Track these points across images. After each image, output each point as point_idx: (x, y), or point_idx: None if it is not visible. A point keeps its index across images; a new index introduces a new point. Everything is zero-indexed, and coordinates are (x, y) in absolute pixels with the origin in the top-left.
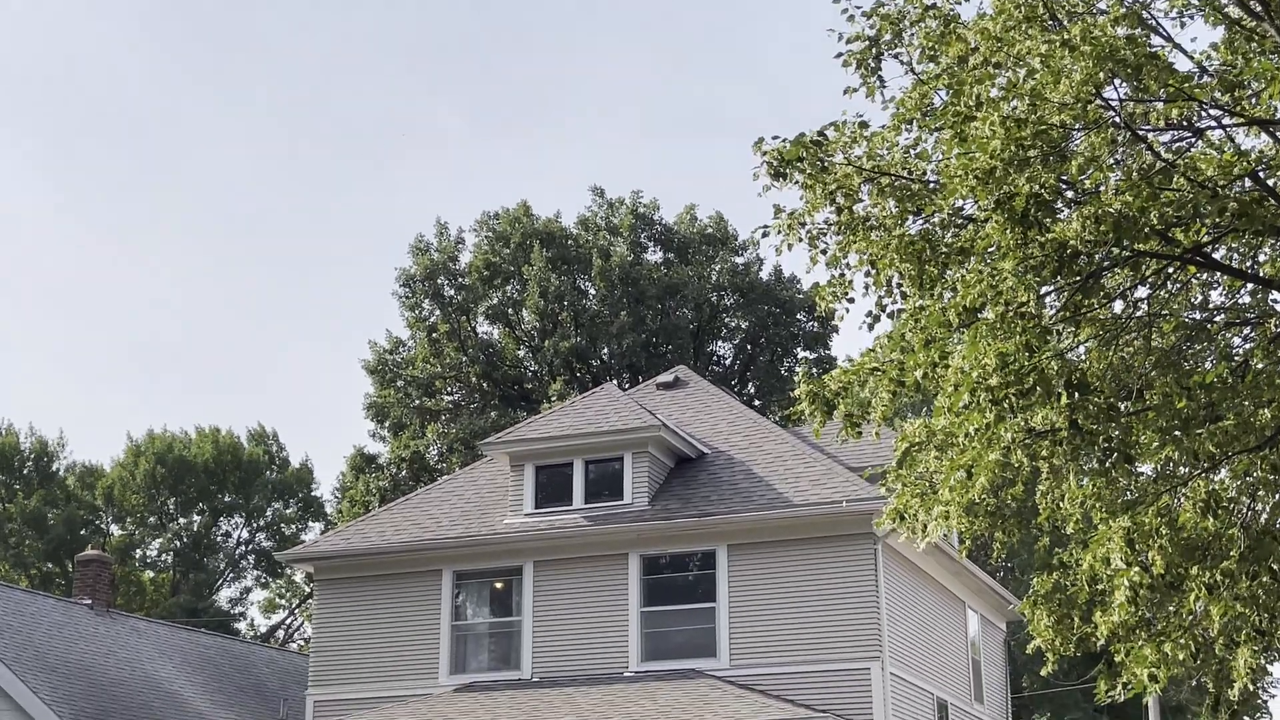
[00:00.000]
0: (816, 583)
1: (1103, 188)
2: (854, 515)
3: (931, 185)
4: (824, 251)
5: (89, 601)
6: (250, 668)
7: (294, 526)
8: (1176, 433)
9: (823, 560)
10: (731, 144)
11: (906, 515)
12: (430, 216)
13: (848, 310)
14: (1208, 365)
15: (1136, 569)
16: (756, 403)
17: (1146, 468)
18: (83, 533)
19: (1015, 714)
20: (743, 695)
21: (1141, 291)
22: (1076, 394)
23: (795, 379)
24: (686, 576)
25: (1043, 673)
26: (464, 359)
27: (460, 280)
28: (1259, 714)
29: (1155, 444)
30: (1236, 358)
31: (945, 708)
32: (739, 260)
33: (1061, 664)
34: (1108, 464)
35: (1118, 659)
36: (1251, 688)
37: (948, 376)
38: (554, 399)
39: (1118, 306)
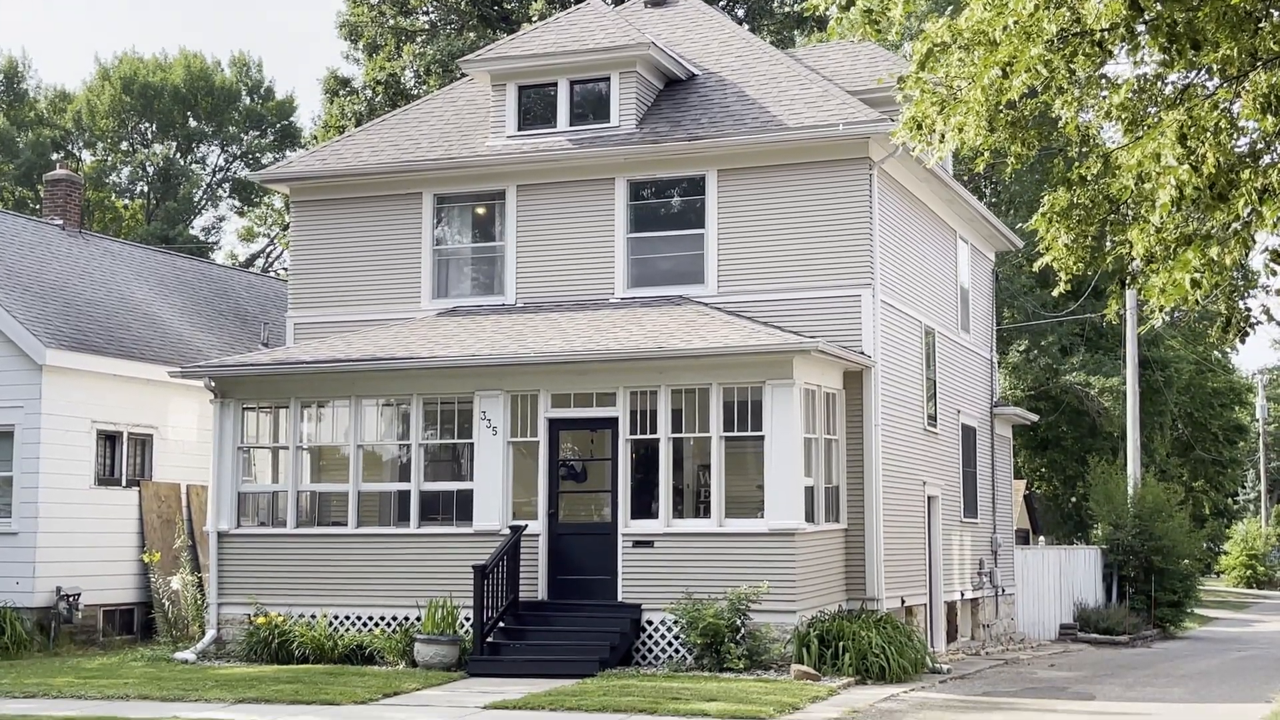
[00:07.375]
0: (809, 208)
1: None
2: (850, 139)
3: None
4: None
5: (60, 222)
6: (229, 292)
7: (272, 156)
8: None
9: (816, 185)
10: None
11: (924, 125)
12: None
13: None
14: None
15: (1186, 167)
16: (747, 28)
17: (1172, 75)
18: (54, 157)
19: (996, 344)
20: (730, 321)
21: None
22: None
23: None
24: (674, 202)
25: (1054, 293)
26: None
27: None
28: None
29: (1215, 38)
30: None
31: (932, 335)
32: None
33: (1044, 298)
34: (1172, 50)
35: (1138, 273)
36: None
37: None
38: (535, 20)
39: None
